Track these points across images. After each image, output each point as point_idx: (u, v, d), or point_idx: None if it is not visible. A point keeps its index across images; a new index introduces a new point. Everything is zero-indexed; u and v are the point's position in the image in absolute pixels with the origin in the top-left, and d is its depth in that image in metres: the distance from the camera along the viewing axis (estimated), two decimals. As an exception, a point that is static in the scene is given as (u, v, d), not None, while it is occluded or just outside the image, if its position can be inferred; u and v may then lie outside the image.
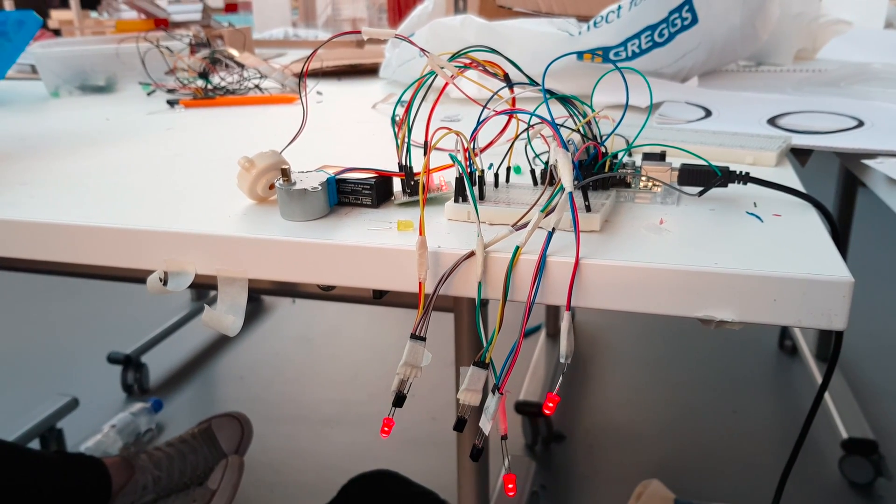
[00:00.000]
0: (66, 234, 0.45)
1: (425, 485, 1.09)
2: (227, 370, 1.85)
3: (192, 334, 2.00)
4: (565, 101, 0.47)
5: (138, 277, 0.48)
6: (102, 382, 1.75)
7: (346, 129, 0.71)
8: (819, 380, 1.66)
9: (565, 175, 0.39)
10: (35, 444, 1.45)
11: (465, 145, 0.44)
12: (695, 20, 0.73)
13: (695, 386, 1.71)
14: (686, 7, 0.72)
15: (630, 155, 0.52)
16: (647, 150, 0.50)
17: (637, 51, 0.74)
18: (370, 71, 1.05)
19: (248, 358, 1.90)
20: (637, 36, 0.73)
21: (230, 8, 1.62)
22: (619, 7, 0.73)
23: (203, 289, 0.49)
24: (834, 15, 1.09)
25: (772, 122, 0.62)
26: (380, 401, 1.69)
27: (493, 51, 0.48)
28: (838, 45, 1.04)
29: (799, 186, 0.47)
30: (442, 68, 0.47)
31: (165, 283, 0.44)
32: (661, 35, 0.73)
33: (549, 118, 0.42)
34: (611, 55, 0.74)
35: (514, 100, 0.48)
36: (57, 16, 1.39)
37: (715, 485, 1.38)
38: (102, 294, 2.27)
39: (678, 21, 0.73)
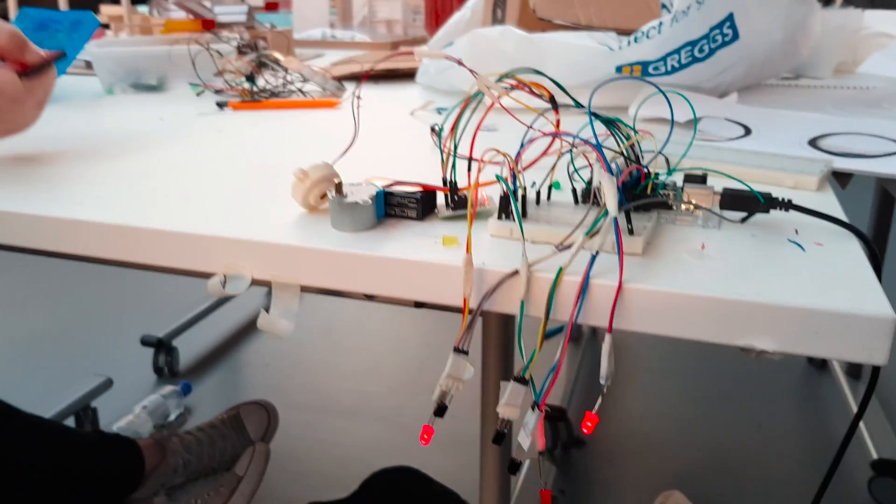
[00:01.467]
0: (133, 235, 0.48)
1: (444, 482, 1.11)
2: (253, 357, 1.89)
3: (220, 320, 2.04)
4: (609, 123, 0.48)
5: (172, 268, 0.50)
6: (135, 364, 1.80)
7: (386, 136, 0.73)
8: (849, 396, 1.65)
9: (610, 200, 0.40)
10: (70, 422, 1.50)
11: (511, 165, 0.46)
12: (736, 36, 0.73)
13: (720, 398, 1.70)
14: (727, 24, 0.72)
15: (671, 174, 0.53)
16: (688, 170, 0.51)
17: (676, 66, 0.74)
18: (406, 75, 1.06)
19: (274, 347, 1.93)
20: (677, 51, 0.73)
21: (270, 7, 1.64)
22: (661, 24, 0.73)
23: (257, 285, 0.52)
24: (876, 28, 1.09)
25: (812, 143, 0.63)
26: (399, 394, 1.71)
27: (538, 72, 0.49)
28: (880, 60, 1.03)
29: (840, 214, 0.47)
30: (489, 88, 0.48)
31: (224, 286, 0.46)
32: (701, 51, 0.74)
33: (594, 142, 0.43)
34: (650, 69, 0.75)
35: (558, 121, 0.49)
36: (106, 10, 1.42)
37: (737, 499, 1.38)
38: (137, 279, 2.33)
39: (719, 37, 0.73)
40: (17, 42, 0.61)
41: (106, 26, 1.32)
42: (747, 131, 0.67)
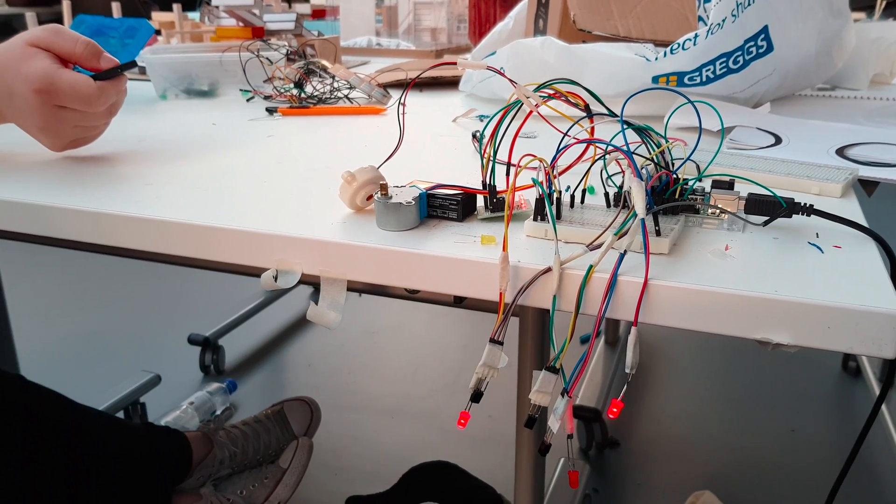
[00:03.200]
0: (192, 232, 0.52)
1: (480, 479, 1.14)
2: (296, 357, 1.94)
3: (265, 321, 2.10)
4: (641, 131, 0.51)
5: (219, 266, 0.54)
6: (182, 362, 1.86)
7: (430, 142, 0.76)
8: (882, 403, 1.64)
9: (638, 203, 0.43)
10: (120, 416, 1.56)
11: (547, 169, 0.49)
12: (770, 48, 0.75)
13: (753, 402, 1.71)
14: (762, 36, 0.74)
15: (700, 180, 0.55)
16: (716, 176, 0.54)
17: (711, 76, 0.77)
18: (450, 83, 1.10)
19: (316, 347, 1.98)
20: (712, 62, 0.76)
21: (318, 14, 1.69)
22: (696, 35, 0.76)
23: (307, 284, 0.55)
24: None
25: (840, 152, 0.65)
26: (438, 396, 1.75)
27: (574, 82, 0.52)
28: (918, 71, 1.03)
29: (861, 219, 0.49)
30: (528, 98, 0.51)
31: (276, 280, 0.50)
32: (735, 62, 0.76)
33: (626, 149, 0.46)
34: (685, 80, 0.77)
35: (592, 129, 0.52)
36: (158, 17, 1.49)
37: (768, 501, 1.38)
38: (186, 279, 2.40)
39: (753, 49, 0.75)
40: (92, 50, 0.65)
41: (157, 32, 1.38)
42: (777, 140, 0.69)
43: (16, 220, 0.57)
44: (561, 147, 0.50)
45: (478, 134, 0.72)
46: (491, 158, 0.52)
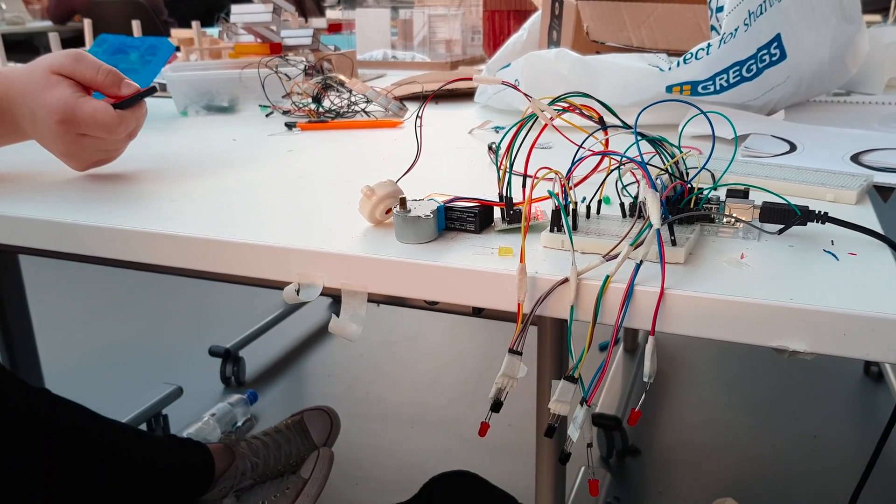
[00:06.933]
0: (215, 248, 0.53)
1: (501, 489, 1.14)
2: (316, 367, 1.96)
3: (284, 332, 2.11)
4: (654, 142, 0.52)
5: (240, 280, 0.55)
6: (204, 374, 1.88)
7: (446, 154, 0.77)
8: (906, 408, 1.62)
9: (654, 213, 0.44)
10: (143, 428, 1.58)
11: (563, 181, 0.50)
12: (783, 56, 0.76)
13: (775, 408, 1.69)
14: (775, 44, 0.75)
15: (715, 189, 0.56)
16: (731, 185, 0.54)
17: (725, 85, 0.77)
18: (465, 95, 1.11)
19: (336, 357, 1.99)
20: (725, 71, 0.76)
21: (334, 28, 1.72)
22: (709, 45, 0.76)
23: (326, 296, 0.56)
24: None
25: (855, 158, 0.65)
26: (458, 405, 1.75)
27: (588, 95, 0.53)
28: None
29: (876, 226, 0.50)
30: (542, 111, 0.52)
31: (298, 293, 0.51)
32: (749, 70, 0.76)
33: (640, 160, 0.47)
34: (699, 89, 0.78)
35: (607, 141, 0.53)
36: (176, 34, 1.52)
37: (792, 508, 1.37)
38: (206, 292, 2.43)
39: (767, 57, 0.76)
40: (114, 78, 0.67)
41: (176, 49, 1.41)
42: (792, 147, 0.69)
43: (44, 237, 0.59)
44: (576, 159, 0.50)
45: (494, 146, 0.73)
46: (507, 171, 0.53)
